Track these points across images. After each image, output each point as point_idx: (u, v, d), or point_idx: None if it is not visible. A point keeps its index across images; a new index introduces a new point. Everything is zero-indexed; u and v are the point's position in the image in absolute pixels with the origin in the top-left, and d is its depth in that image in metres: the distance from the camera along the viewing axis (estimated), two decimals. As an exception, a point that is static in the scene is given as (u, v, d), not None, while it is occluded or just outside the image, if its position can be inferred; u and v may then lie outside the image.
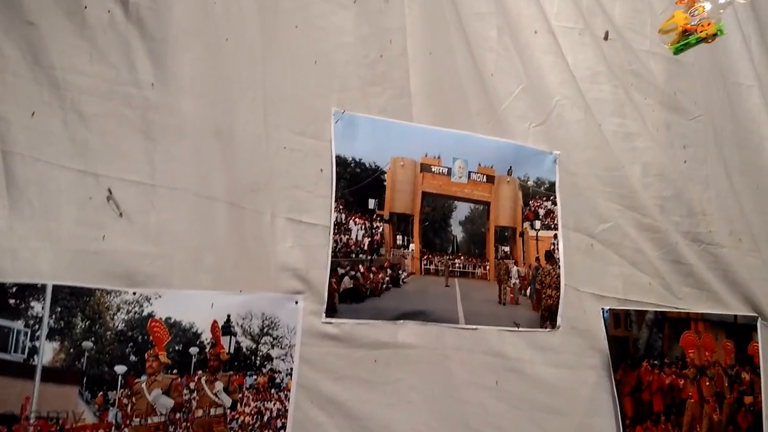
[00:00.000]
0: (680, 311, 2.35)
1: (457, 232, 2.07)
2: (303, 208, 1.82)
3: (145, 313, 1.58)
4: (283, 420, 1.72)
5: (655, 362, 2.26)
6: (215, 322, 1.66)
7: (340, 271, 1.85)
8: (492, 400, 1.99)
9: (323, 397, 1.77)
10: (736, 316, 2.43)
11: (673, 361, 2.30)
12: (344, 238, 1.88)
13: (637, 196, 2.32)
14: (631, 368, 2.21)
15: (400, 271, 1.97)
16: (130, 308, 1.57)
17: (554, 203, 2.23)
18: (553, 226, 2.21)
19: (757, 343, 2.43)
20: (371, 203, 1.94)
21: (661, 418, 2.23)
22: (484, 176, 2.14)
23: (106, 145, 1.56)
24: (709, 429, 2.29)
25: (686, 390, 2.29)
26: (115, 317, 1.54)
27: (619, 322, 2.21)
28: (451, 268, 2.04)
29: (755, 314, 2.47)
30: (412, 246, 1.99)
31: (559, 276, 2.18)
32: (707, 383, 2.32)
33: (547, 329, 2.15)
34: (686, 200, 2.42)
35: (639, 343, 2.25)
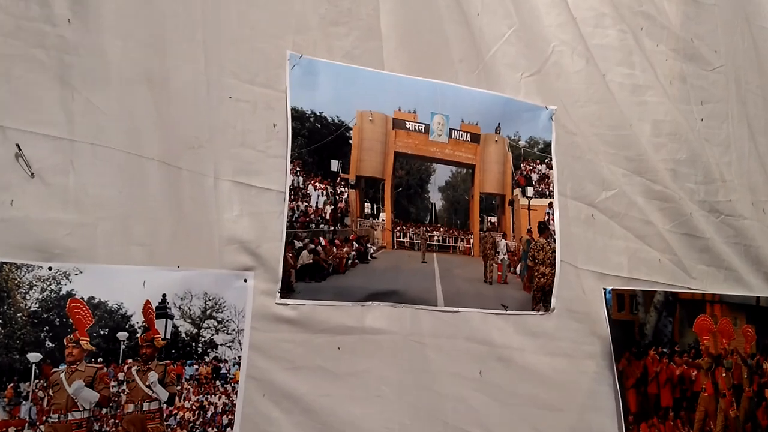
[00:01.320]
0: (694, 292, 2.34)
1: (436, 199, 2.03)
2: (252, 169, 1.77)
3: (63, 292, 1.53)
4: (230, 416, 1.68)
5: (664, 350, 2.26)
6: (148, 302, 1.62)
7: (298, 244, 1.81)
8: (475, 393, 1.97)
9: (277, 390, 1.74)
10: (758, 298, 2.42)
11: (684, 349, 2.29)
12: (302, 206, 1.83)
13: (646, 159, 2.30)
14: (636, 357, 2.19)
15: (369, 245, 1.94)
16: (45, 286, 1.52)
17: (549, 167, 2.18)
18: (547, 193, 2.17)
19: (783, 328, 2.45)
20: (334, 165, 1.89)
21: (670, 413, 2.21)
22: (468, 134, 2.08)
23: (13, 93, 1.50)
24: (724, 426, 2.28)
25: (699, 382, 2.28)
26: (27, 296, 1.50)
27: (624, 304, 2.20)
28: (428, 242, 2.01)
29: (780, 296, 2.49)
30: (382, 215, 1.96)
31: (554, 251, 2.15)
32: (723, 374, 2.31)
33: (540, 312, 2.13)
34: (703, 164, 2.39)
35: (646, 329, 2.24)
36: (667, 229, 2.32)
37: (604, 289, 2.20)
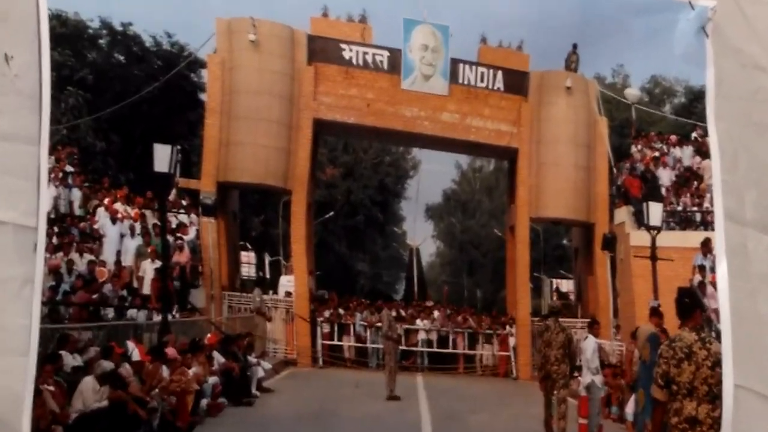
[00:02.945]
0: None
1: (421, 236, 1.76)
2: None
3: None
4: None
5: None
6: None
7: (71, 359, 1.35)
8: None
9: None
10: None
11: None
12: (81, 262, 1.44)
13: None
14: None
15: (254, 358, 1.48)
16: None
17: (703, 152, 1.69)
18: (698, 217, 1.71)
19: None
20: (161, 157, 1.34)
21: None
22: (499, 74, 1.72)
23: None
24: None
25: None
26: None
27: None
28: (402, 345, 1.61)
29: None
30: (287, 281, 1.67)
31: (717, 362, 1.49)
32: None
33: None
34: None
35: None
36: None
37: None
